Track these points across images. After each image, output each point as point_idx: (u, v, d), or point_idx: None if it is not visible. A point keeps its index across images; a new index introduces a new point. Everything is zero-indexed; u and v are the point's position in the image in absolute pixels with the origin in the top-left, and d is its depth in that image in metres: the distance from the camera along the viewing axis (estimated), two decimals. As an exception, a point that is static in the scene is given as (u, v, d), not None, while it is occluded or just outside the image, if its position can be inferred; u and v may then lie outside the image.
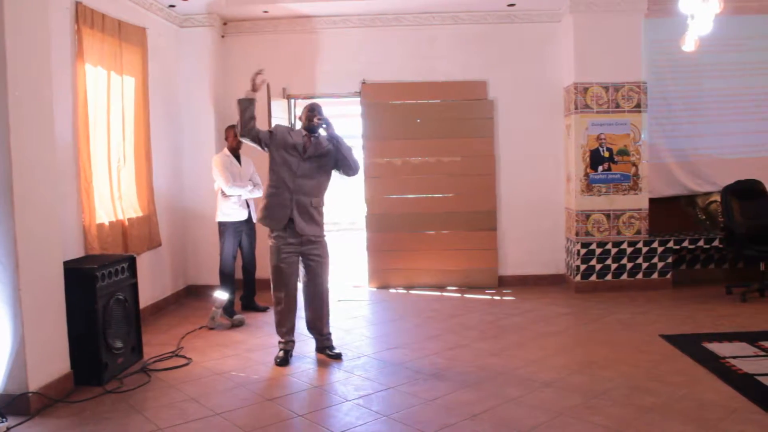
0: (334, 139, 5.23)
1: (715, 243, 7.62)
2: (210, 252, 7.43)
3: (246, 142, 5.27)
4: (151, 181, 6.74)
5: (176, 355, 5.44)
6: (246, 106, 5.08)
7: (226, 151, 6.74)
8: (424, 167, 8.05)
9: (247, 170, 6.78)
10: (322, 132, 5.28)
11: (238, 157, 6.76)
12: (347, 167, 5.30)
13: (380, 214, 8.10)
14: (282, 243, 5.22)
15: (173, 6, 7.23)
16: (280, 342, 5.35)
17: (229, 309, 6.50)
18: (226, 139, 6.81)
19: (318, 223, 5.31)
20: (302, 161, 5.18)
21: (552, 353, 5.38)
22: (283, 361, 5.21)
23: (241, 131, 5.13)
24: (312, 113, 5.26)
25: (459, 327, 6.19)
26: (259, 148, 5.24)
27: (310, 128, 5.26)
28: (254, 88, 5.12)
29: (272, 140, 5.19)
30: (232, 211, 6.62)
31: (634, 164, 7.59)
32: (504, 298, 7.49)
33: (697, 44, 6.08)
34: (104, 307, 4.82)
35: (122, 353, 5.01)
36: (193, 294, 7.73)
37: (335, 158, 5.27)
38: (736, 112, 7.91)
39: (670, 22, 7.10)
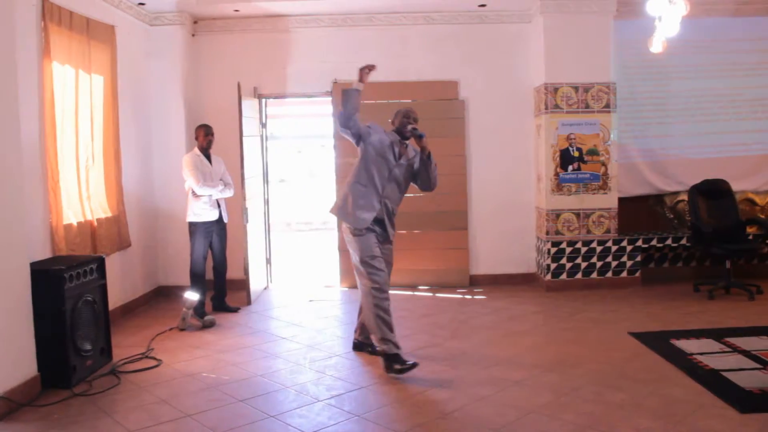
0: (426, 152, 5.04)
1: (683, 241, 7.74)
2: (180, 252, 7.36)
3: (343, 134, 5.08)
4: (120, 181, 6.66)
5: (146, 357, 5.38)
6: (353, 95, 4.86)
7: (196, 150, 6.69)
8: None
9: (217, 170, 6.73)
10: (412, 143, 5.13)
11: (208, 157, 6.71)
12: (428, 183, 5.17)
13: None
14: (374, 238, 5.04)
15: (143, 4, 7.16)
16: (393, 344, 4.88)
17: (199, 310, 6.46)
18: (197, 138, 6.74)
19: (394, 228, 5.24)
20: (395, 166, 5.05)
21: (523, 351, 5.42)
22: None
23: (343, 122, 4.91)
24: (407, 119, 5.07)
25: (431, 326, 6.21)
26: (353, 141, 5.06)
27: (404, 134, 5.08)
28: (362, 79, 4.93)
29: (370, 137, 5.01)
30: (202, 211, 6.56)
31: (604, 164, 7.66)
32: (475, 297, 7.51)
33: (665, 46, 6.16)
34: (72, 308, 4.75)
35: (91, 355, 4.95)
36: (163, 295, 7.65)
37: (416, 170, 5.17)
38: (703, 113, 8.02)
39: (638, 23, 7.16)
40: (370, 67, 4.95)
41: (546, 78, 7.59)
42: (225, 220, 6.76)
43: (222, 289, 6.95)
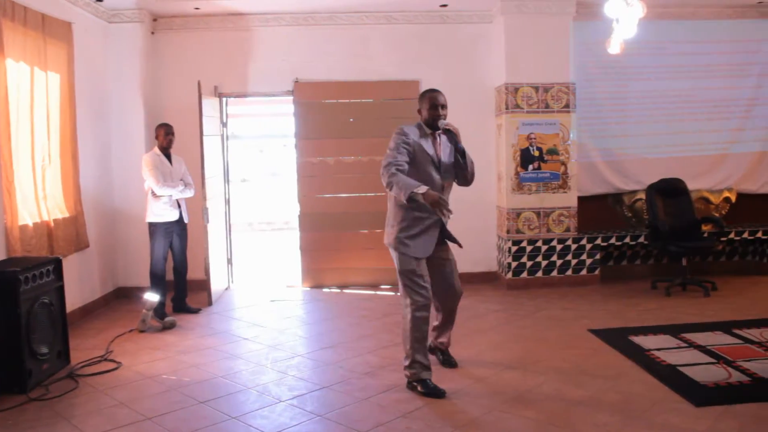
0: (458, 146, 4.51)
1: (641, 239, 7.86)
2: (140, 253, 7.26)
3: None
4: (77, 181, 6.54)
5: (105, 360, 5.29)
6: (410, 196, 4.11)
7: (156, 150, 6.60)
8: (357, 166, 8.05)
9: (178, 169, 6.66)
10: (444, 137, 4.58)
11: (168, 156, 6.63)
12: (465, 179, 4.69)
13: (313, 213, 8.06)
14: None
15: (100, 0, 7.03)
16: (422, 364, 4.47)
17: (160, 311, 6.38)
18: (157, 137, 6.65)
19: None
20: (439, 173, 4.54)
21: (484, 349, 5.46)
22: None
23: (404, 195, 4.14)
24: (436, 111, 4.48)
25: (393, 325, 6.18)
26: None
27: (435, 126, 4.51)
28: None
29: (413, 158, 4.42)
30: (162, 212, 6.48)
31: (564, 163, 7.74)
32: None
33: (622, 47, 6.25)
34: (28, 311, 4.65)
35: (48, 359, 4.84)
36: (123, 296, 7.54)
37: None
38: (660, 114, 8.17)
39: (597, 25, 7.25)
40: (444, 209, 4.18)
41: (507, 78, 7.64)
42: (186, 220, 6.69)
43: (183, 289, 6.87)
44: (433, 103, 4.50)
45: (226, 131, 8.28)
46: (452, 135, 4.47)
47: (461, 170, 4.61)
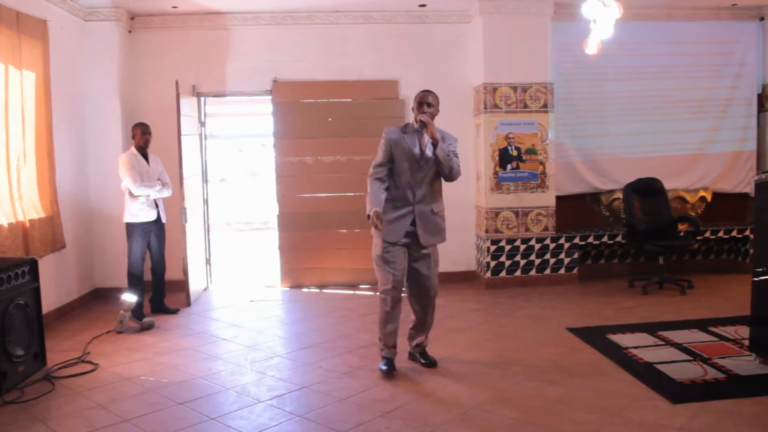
0: (433, 139, 4.72)
1: (619, 239, 7.93)
2: (117, 254, 7.21)
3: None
4: (53, 181, 6.47)
5: (82, 361, 5.24)
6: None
7: (133, 149, 6.55)
8: (335, 166, 8.04)
9: (155, 169, 6.61)
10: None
11: (145, 156, 6.58)
12: (443, 173, 4.79)
13: (292, 213, 8.05)
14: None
15: (76, -2, 6.98)
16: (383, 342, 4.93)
17: (137, 312, 6.33)
18: (133, 137, 6.60)
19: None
20: (416, 166, 4.76)
21: (463, 349, 5.48)
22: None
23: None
24: (420, 108, 4.77)
25: (372, 325, 6.11)
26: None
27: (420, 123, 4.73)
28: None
29: (392, 155, 4.78)
30: (140, 212, 6.44)
31: (542, 163, 7.78)
32: None
33: (600, 48, 6.30)
34: (3, 313, 4.58)
35: (23, 361, 4.78)
36: (100, 297, 7.47)
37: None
38: (637, 114, 8.25)
39: (575, 25, 7.30)
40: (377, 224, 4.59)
41: (485, 78, 7.67)
42: (163, 220, 6.65)
43: (160, 290, 6.82)
44: (419, 102, 4.82)
45: (205, 131, 8.24)
46: (422, 128, 4.71)
47: (438, 164, 4.74)
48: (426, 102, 4.78)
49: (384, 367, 4.80)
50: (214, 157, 9.44)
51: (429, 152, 4.76)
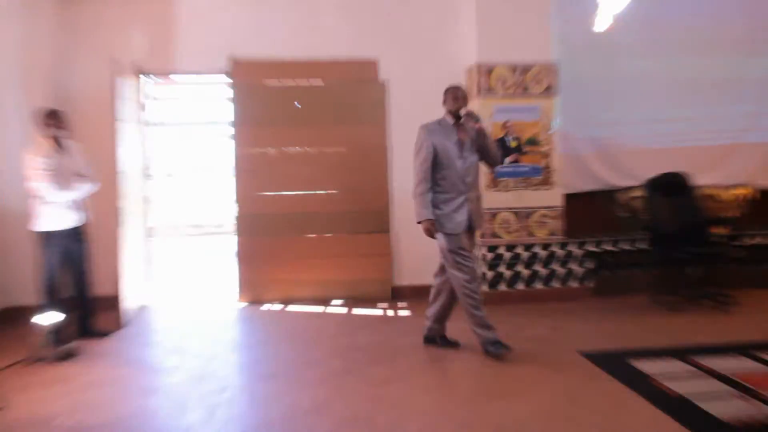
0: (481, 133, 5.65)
1: (641, 245, 7.83)
2: (32, 266, 6.79)
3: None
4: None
5: (-15, 398, 4.91)
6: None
7: (44, 143, 6.17)
8: (304, 159, 8.00)
9: (73, 162, 6.28)
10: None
11: (61, 149, 6.21)
12: (490, 159, 5.78)
13: (253, 214, 7.96)
14: None
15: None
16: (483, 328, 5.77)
17: (56, 336, 5.95)
18: (47, 126, 6.22)
19: None
20: (461, 158, 5.63)
21: (456, 379, 5.28)
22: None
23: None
24: (457, 102, 5.67)
25: (345, 349, 6.00)
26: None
27: (458, 115, 5.69)
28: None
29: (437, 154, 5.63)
30: (57, 218, 6.14)
31: (546, 155, 7.69)
32: (398, 313, 7.40)
33: (612, 22, 6.15)
34: None
35: None
36: (10, 319, 7.11)
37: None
38: (658, 97, 8.19)
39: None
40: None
41: (479, 57, 7.61)
42: (86, 221, 6.38)
43: (86, 309, 6.53)
44: (455, 95, 5.72)
45: (147, 117, 8.06)
46: (473, 118, 5.61)
47: (486, 151, 5.70)
48: (461, 97, 5.71)
49: (502, 350, 5.56)
50: (159, 148, 9.37)
51: (469, 141, 5.65)
